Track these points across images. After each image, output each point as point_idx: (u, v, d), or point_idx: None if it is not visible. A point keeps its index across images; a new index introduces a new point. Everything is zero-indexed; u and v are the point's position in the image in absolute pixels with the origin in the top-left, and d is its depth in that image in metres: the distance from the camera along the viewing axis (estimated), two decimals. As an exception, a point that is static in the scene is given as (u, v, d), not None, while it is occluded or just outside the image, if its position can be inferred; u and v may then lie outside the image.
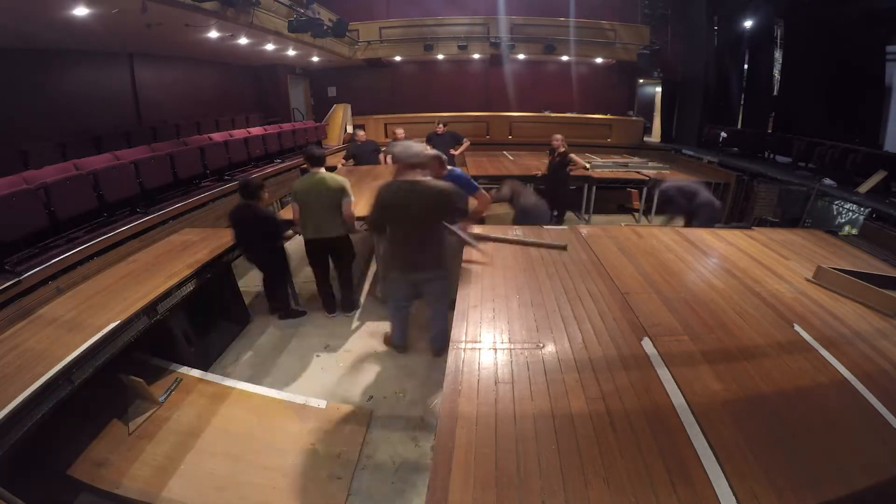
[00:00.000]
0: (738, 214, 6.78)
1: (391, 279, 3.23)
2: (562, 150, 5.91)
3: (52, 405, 2.16)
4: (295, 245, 4.23)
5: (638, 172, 7.52)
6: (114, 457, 2.46)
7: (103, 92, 6.69)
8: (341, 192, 3.58)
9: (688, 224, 4.92)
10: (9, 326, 2.67)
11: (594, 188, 7.06)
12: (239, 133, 7.39)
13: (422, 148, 3.03)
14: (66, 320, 2.72)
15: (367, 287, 4.77)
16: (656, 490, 1.41)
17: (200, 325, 3.52)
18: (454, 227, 3.03)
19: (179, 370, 3.13)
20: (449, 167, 3.58)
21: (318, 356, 3.58)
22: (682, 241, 3.76)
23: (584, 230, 4.03)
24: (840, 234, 4.43)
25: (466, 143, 7.69)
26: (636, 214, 7.39)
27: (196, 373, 3.13)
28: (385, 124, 10.83)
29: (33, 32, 4.95)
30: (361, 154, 6.94)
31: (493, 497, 1.39)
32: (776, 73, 9.40)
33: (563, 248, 3.46)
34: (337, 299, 4.15)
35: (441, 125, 7.39)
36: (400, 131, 6.95)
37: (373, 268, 5.09)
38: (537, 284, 2.86)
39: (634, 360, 2.09)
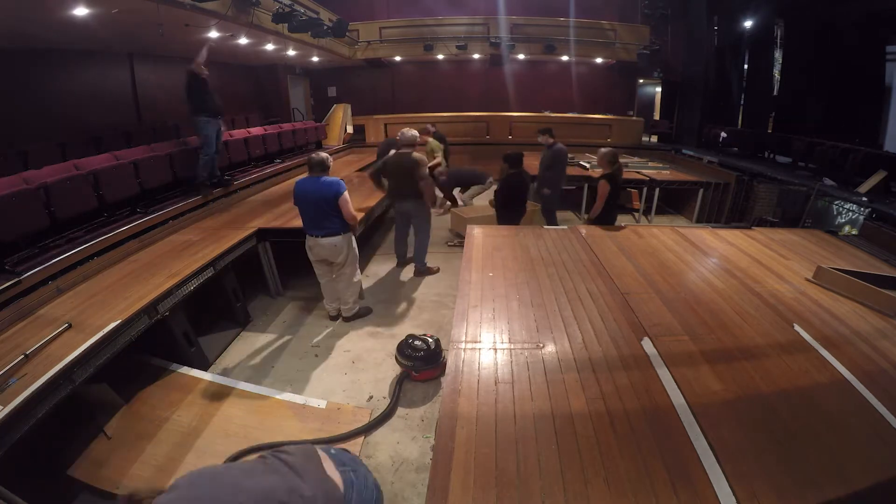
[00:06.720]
0: (738, 214, 6.77)
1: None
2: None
3: (53, 405, 2.16)
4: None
5: (638, 172, 7.51)
6: (114, 457, 2.46)
7: (103, 92, 6.67)
8: None
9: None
10: (9, 326, 2.67)
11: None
12: (239, 133, 7.37)
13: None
14: (66, 320, 2.72)
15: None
16: (656, 490, 1.41)
17: (200, 325, 3.51)
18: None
19: (179, 370, 3.13)
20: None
21: (317, 356, 3.58)
22: (682, 241, 3.77)
23: (583, 230, 4.03)
24: (840, 234, 4.43)
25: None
26: (636, 214, 7.39)
27: (196, 373, 3.13)
28: (385, 124, 10.83)
29: (33, 32, 4.94)
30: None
31: (493, 497, 1.39)
32: (776, 73, 9.39)
33: None
34: None
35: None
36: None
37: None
38: (537, 284, 2.86)
39: (634, 360, 2.09)
